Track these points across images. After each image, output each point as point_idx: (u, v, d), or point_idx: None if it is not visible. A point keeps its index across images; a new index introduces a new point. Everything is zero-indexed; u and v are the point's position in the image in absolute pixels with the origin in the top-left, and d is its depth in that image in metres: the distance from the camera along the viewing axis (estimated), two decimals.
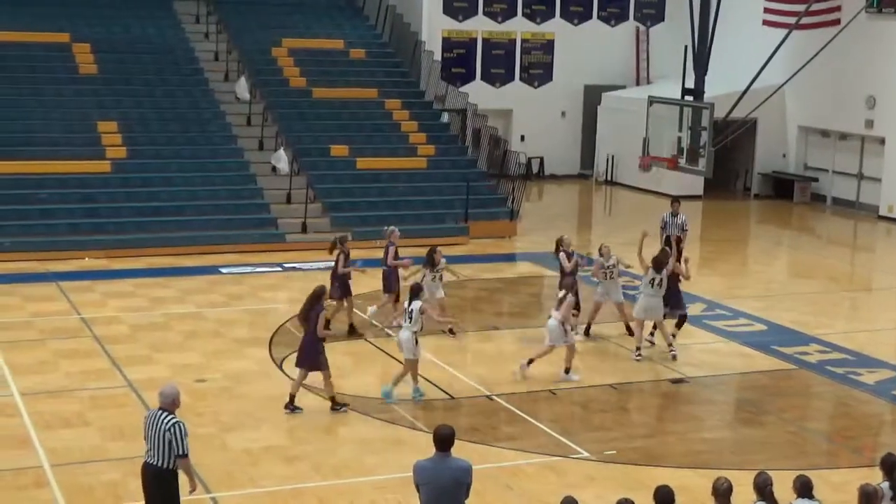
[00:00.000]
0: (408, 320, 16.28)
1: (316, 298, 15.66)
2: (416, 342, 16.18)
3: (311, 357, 15.60)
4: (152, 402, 15.76)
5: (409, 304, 16.40)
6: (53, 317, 20.27)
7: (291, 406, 15.69)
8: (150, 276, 23.47)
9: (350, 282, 19.46)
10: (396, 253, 19.86)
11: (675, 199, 23.61)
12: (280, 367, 17.74)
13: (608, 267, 19.48)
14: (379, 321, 19.88)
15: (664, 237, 22.80)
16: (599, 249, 19.88)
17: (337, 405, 15.77)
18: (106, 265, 24.29)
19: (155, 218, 26.21)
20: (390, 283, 19.88)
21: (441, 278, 19.60)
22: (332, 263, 19.49)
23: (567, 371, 17.27)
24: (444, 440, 10.05)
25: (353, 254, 19.81)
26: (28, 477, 13.31)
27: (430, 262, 19.36)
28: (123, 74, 30.70)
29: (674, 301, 18.90)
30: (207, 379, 17.06)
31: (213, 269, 24.14)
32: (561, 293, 17.64)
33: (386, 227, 20.47)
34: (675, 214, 22.96)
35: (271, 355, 18.32)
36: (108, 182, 26.98)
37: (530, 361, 17.23)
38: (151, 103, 29.86)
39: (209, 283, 23.10)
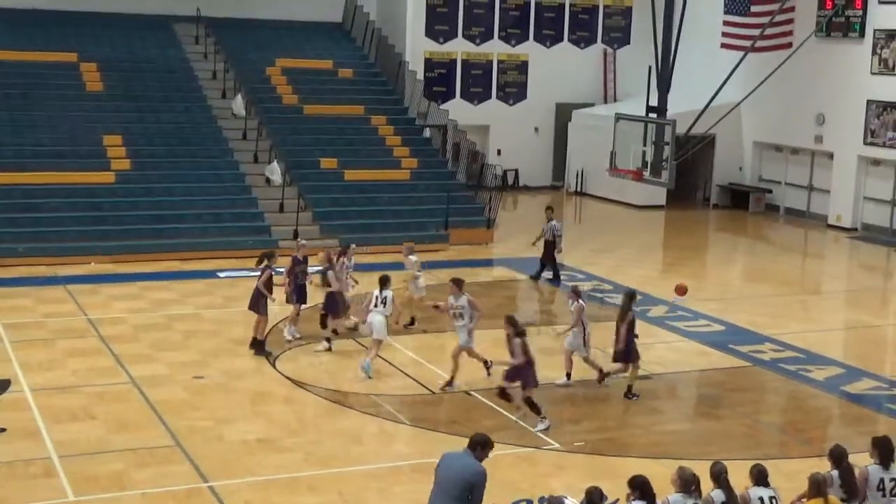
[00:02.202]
0: (381, 305, 17.04)
1: (630, 298, 16.65)
2: (387, 325, 17.35)
3: (628, 353, 16.52)
4: (154, 397, 15.80)
5: (381, 291, 17.13)
6: (62, 318, 20.17)
7: (631, 394, 16.61)
8: (153, 279, 23.38)
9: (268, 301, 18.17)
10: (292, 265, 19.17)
11: (549, 207, 25.28)
12: (273, 364, 17.69)
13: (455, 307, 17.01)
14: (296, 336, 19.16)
15: (544, 241, 24.22)
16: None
17: (631, 394, 16.57)
18: (111, 269, 24.20)
19: (157, 225, 26.11)
20: (297, 294, 19.21)
21: (347, 274, 19.45)
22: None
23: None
24: (471, 441, 10.16)
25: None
26: (38, 467, 13.25)
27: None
28: (127, 91, 30.57)
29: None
30: (205, 375, 17.02)
31: (211, 273, 24.06)
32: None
33: (298, 239, 20.08)
34: (549, 220, 24.26)
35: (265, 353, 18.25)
36: (114, 192, 26.87)
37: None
38: (154, 118, 29.75)
39: (208, 286, 23.03)
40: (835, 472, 10.55)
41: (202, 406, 15.62)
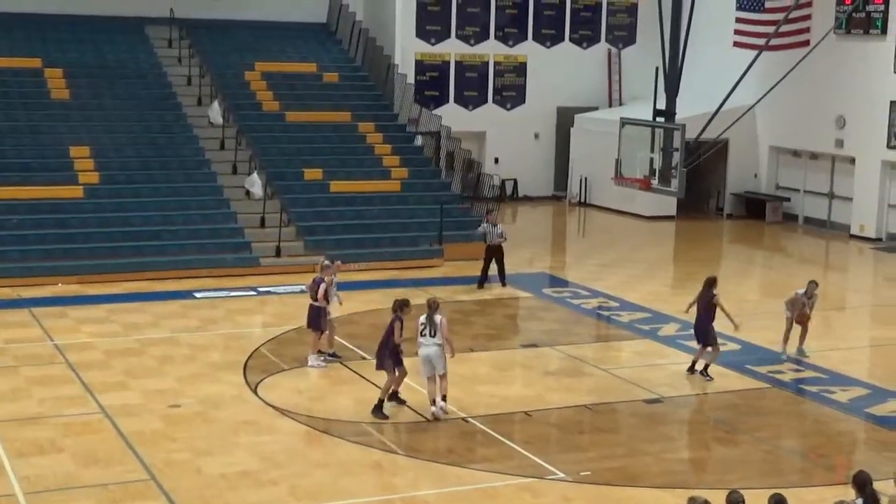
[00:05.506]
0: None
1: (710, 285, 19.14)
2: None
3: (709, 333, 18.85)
4: (127, 428, 15.77)
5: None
6: (26, 343, 20.14)
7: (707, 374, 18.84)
8: (124, 301, 23.37)
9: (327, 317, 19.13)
10: (326, 291, 19.05)
11: (489, 211, 26.32)
12: (254, 391, 17.69)
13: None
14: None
15: (487, 247, 25.08)
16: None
17: (707, 374, 18.83)
18: (79, 291, 24.18)
19: (128, 243, 26.10)
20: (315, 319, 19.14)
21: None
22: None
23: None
24: None
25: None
26: None
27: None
28: (96, 99, 30.64)
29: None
30: (182, 404, 17.00)
31: (187, 294, 24.06)
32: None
33: (323, 260, 20.09)
34: (494, 225, 25.36)
35: (246, 379, 18.25)
36: (81, 207, 26.86)
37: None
38: (124, 128, 29.76)
39: (183, 308, 23.03)
40: (859, 501, 10.57)
41: (179, 437, 15.61)
